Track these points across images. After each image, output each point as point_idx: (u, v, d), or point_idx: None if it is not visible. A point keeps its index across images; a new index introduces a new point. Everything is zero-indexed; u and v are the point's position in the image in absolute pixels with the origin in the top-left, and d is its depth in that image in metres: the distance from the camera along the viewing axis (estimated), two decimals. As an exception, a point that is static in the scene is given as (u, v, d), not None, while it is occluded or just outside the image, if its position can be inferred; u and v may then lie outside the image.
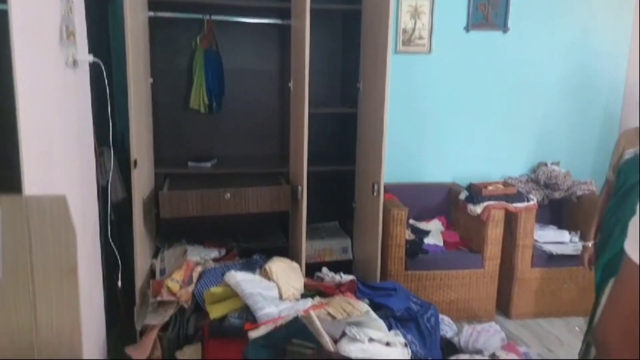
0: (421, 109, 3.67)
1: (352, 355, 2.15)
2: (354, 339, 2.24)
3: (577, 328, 3.17)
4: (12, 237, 1.44)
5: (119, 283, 2.29)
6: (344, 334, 2.26)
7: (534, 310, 3.32)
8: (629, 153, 2.29)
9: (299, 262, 2.91)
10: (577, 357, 2.56)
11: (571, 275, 3.29)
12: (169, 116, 3.30)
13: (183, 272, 2.69)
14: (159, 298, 2.58)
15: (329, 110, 3.41)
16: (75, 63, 1.87)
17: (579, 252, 3.26)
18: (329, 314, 2.41)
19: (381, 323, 2.41)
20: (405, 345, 2.37)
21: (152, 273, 2.90)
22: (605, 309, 0.84)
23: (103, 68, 2.03)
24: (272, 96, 3.45)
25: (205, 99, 3.18)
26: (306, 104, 2.80)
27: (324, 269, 2.97)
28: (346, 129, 3.50)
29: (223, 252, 3.03)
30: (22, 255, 1.45)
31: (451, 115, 3.71)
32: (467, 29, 3.61)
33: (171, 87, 3.31)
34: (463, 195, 3.41)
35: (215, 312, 2.45)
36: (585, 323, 2.92)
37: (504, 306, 3.35)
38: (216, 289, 2.52)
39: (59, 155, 1.72)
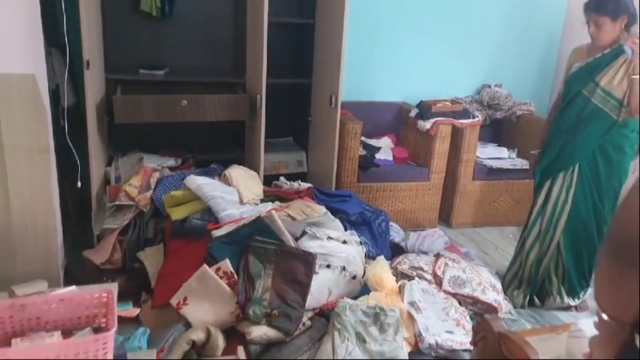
0: (374, 30, 3.68)
1: (312, 251, 2.28)
2: (313, 237, 2.38)
3: (510, 235, 3.49)
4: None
5: (79, 184, 2.25)
6: (304, 233, 2.39)
7: (472, 220, 3.60)
8: (576, 67, 2.47)
9: (257, 172, 2.96)
10: (510, 260, 2.85)
11: (507, 187, 3.57)
12: (118, 19, 3.13)
13: (140, 177, 2.68)
14: (117, 202, 2.57)
15: (286, 20, 3.35)
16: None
17: (516, 167, 3.55)
18: (289, 215, 2.52)
19: (338, 223, 2.56)
20: (361, 243, 2.54)
21: (106, 180, 2.87)
22: (631, 198, 0.72)
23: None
24: (227, 3, 3.34)
25: (158, 1, 3.03)
26: (266, 10, 2.75)
27: (282, 178, 3.05)
28: (302, 41, 3.48)
29: (179, 161, 3.03)
30: (-11, 136, 1.40)
31: (403, 36, 3.75)
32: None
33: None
34: (413, 113, 3.54)
35: (176, 214, 2.49)
36: (518, 231, 3.21)
37: (445, 216, 3.61)
38: (177, 192, 2.55)
39: (12, 39, 1.63)
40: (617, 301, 0.80)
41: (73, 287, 1.22)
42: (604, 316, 0.83)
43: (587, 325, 1.47)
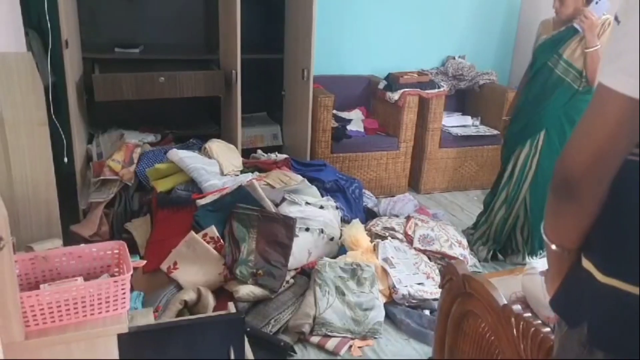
0: (343, 5, 3.80)
1: (292, 215, 2.45)
2: (293, 203, 2.54)
3: (475, 198, 3.73)
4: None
5: (65, 159, 2.34)
6: (283, 199, 2.55)
7: (439, 185, 3.81)
8: (542, 39, 2.66)
9: (234, 146, 3.08)
10: (474, 222, 3.07)
11: (471, 154, 3.79)
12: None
13: (123, 153, 2.77)
14: (102, 177, 2.67)
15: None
16: None
17: (479, 134, 3.77)
18: (269, 184, 2.67)
19: (315, 190, 2.72)
20: (337, 208, 2.72)
21: (88, 157, 2.95)
22: (572, 142, 0.84)
23: None
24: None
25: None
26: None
27: (259, 151, 3.18)
28: (272, 18, 3.57)
29: (159, 137, 3.12)
30: (-11, 111, 1.50)
31: (371, 11, 3.88)
32: None
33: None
34: (382, 85, 3.70)
35: (161, 186, 2.61)
36: (483, 194, 3.43)
37: (414, 183, 3.81)
38: (160, 165, 2.66)
39: (1, 20, 1.71)
40: (559, 230, 0.96)
41: (82, 245, 1.34)
42: (553, 247, 0.98)
43: (539, 264, 1.68)
